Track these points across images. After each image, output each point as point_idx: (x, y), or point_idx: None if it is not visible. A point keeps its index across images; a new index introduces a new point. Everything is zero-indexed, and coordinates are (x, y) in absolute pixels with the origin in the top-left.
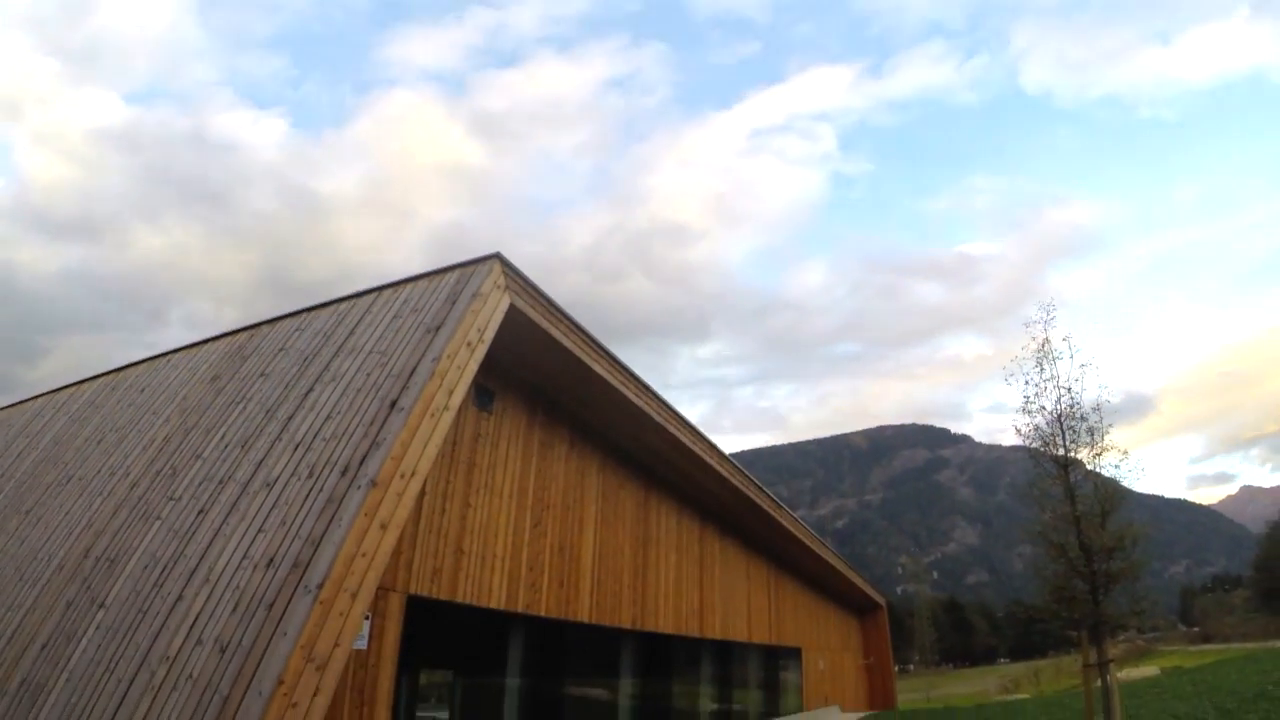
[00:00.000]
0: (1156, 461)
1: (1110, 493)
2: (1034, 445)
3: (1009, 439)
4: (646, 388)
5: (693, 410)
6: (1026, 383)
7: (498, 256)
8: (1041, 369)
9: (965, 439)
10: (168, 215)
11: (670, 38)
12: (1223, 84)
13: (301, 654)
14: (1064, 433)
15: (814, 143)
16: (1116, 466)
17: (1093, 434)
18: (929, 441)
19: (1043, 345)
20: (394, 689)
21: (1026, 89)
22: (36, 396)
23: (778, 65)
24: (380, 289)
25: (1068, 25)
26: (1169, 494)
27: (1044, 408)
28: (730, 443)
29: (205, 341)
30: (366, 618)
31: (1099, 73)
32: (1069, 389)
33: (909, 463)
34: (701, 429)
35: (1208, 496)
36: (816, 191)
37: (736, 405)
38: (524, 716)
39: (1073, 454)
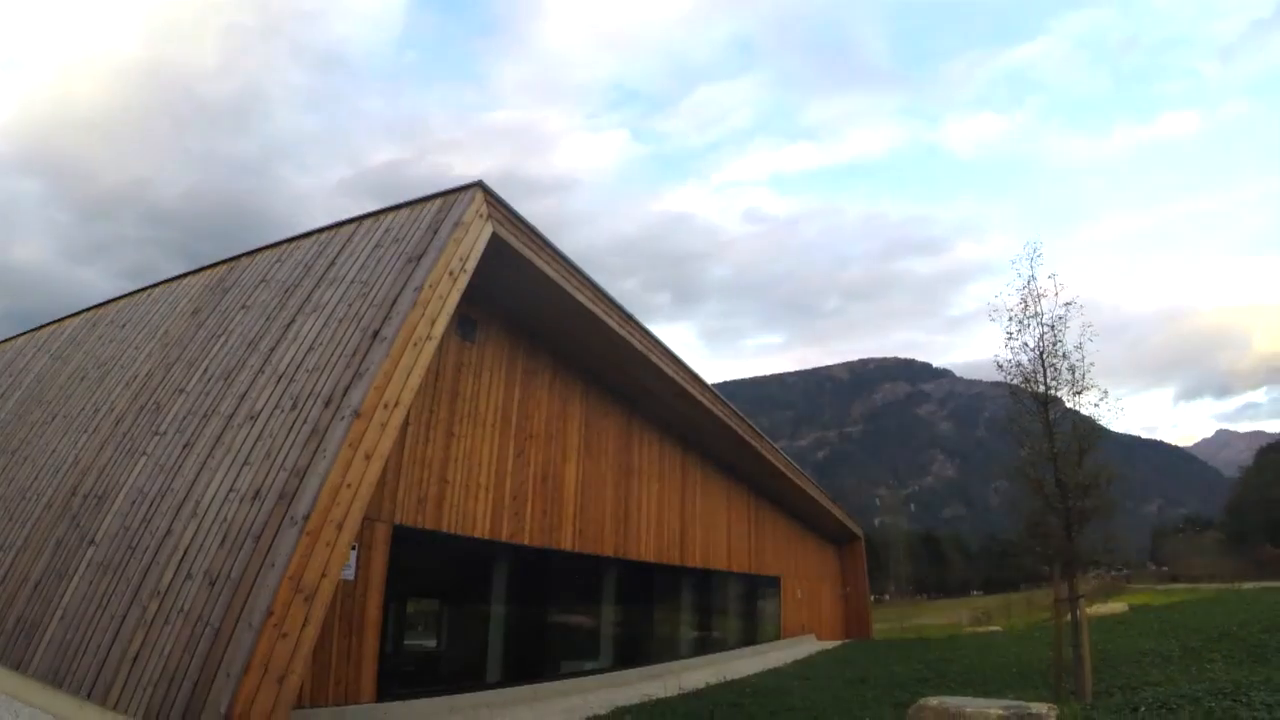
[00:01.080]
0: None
1: (1088, 431)
2: (1015, 381)
3: (990, 375)
4: (630, 317)
5: None
6: (1010, 318)
7: (480, 185)
8: (1025, 305)
9: (946, 373)
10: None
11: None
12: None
13: (290, 585)
14: (1045, 370)
15: (749, 194)
16: (1096, 405)
17: (1073, 372)
18: (910, 375)
19: (1028, 282)
20: (382, 618)
21: (956, 154)
22: (17, 336)
23: (742, 146)
24: (361, 219)
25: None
26: (1145, 434)
27: (1026, 344)
28: (712, 373)
29: (185, 275)
30: (353, 548)
31: (1011, 147)
32: (1052, 326)
33: (890, 396)
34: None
35: (1183, 439)
36: (747, 228)
37: None
38: (508, 643)
39: (1053, 391)
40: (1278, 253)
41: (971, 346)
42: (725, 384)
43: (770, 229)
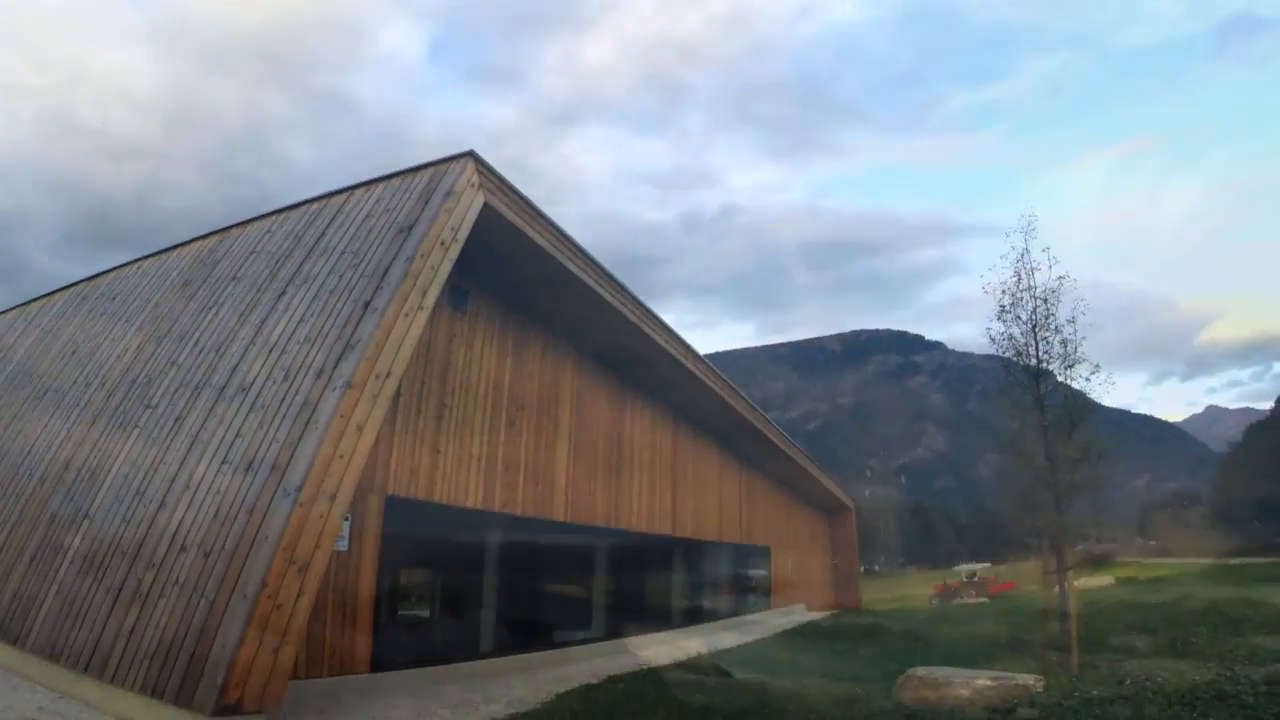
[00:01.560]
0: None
1: (1079, 404)
2: (1007, 354)
3: (982, 348)
4: (622, 287)
5: None
6: (1003, 291)
7: (471, 154)
8: (1019, 278)
9: (938, 345)
10: None
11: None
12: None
13: (283, 557)
14: (1037, 343)
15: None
16: (1087, 379)
17: (1065, 346)
18: (902, 347)
19: (1021, 255)
20: (375, 589)
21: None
22: (5, 311)
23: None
24: (351, 189)
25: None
26: (1135, 409)
27: (1019, 317)
28: (704, 344)
29: (175, 247)
30: (346, 519)
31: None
32: (1044, 300)
33: (882, 367)
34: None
35: (1173, 414)
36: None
37: None
38: (501, 613)
39: (1045, 365)
40: (1239, 246)
41: (963, 319)
42: (718, 354)
43: (742, 232)
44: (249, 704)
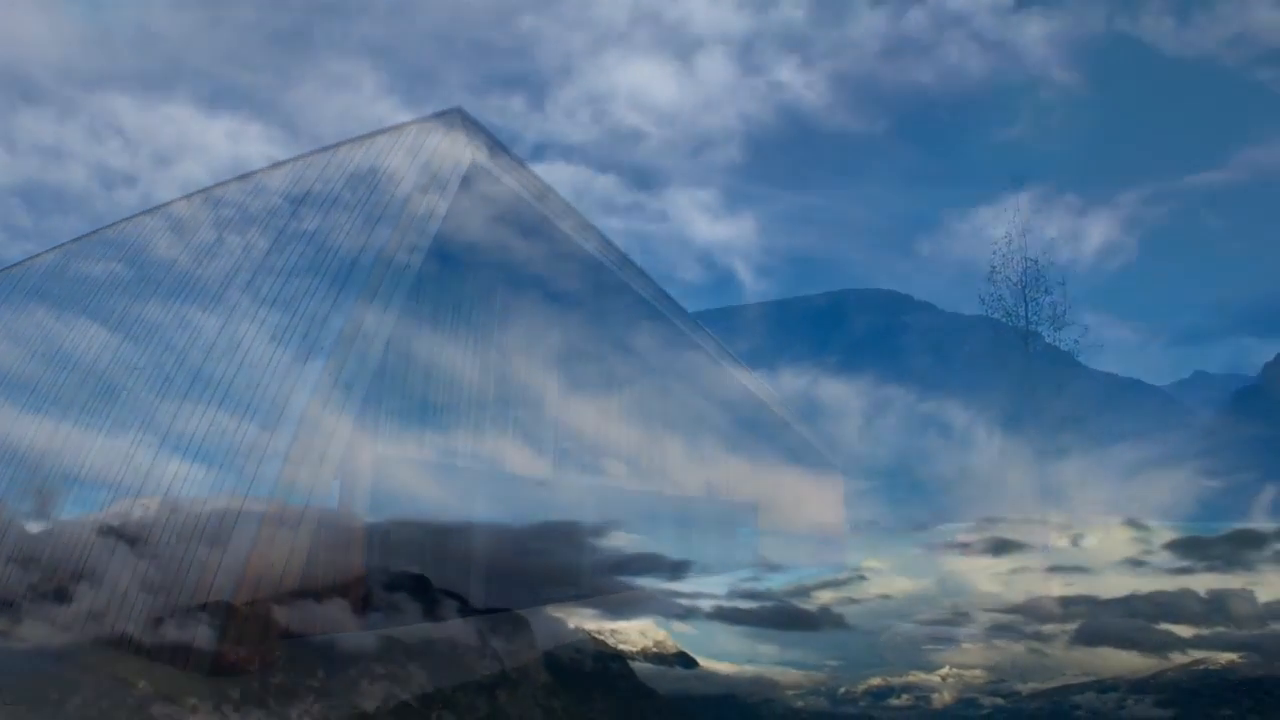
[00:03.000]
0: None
1: (1067, 366)
2: (996, 315)
3: (971, 308)
4: (610, 244)
5: None
6: (994, 252)
7: (459, 111)
8: (1010, 240)
9: (927, 305)
10: None
11: None
12: None
13: (274, 515)
14: (1026, 305)
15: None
16: (1076, 341)
17: (1054, 308)
18: (890, 306)
19: (1013, 217)
20: (366, 545)
21: None
22: None
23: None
24: (337, 146)
25: None
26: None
27: (1009, 279)
28: (690, 302)
29: (157, 208)
30: (336, 477)
31: None
32: (1035, 261)
33: (869, 326)
34: None
35: (1160, 379)
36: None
37: None
38: (491, 567)
39: (1033, 327)
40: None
41: (952, 280)
42: (705, 312)
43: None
44: (243, 662)
